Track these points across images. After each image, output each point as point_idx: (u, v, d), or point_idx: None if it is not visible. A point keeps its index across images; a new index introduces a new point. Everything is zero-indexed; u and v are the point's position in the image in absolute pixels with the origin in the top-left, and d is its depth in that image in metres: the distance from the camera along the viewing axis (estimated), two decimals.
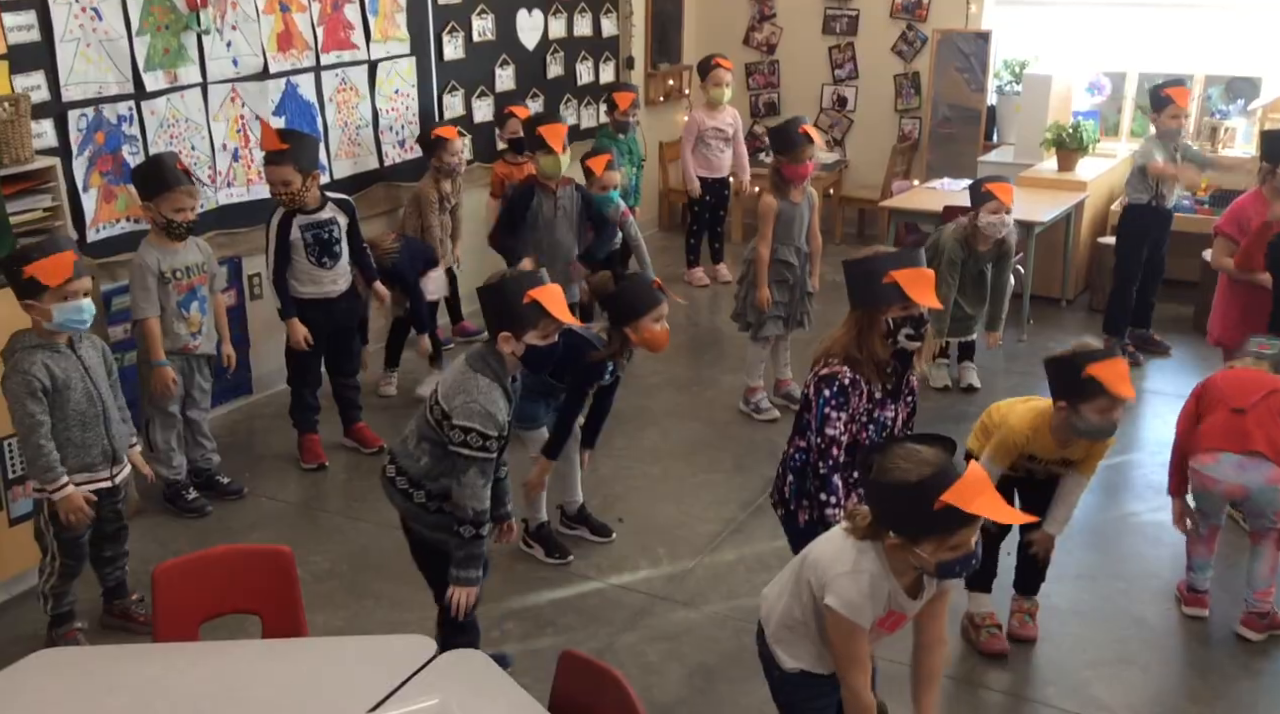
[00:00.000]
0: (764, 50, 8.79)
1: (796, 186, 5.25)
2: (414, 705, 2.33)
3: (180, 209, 4.27)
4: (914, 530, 2.32)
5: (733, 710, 3.48)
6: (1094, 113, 7.70)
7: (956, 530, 2.28)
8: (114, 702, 2.42)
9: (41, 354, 3.46)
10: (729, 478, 4.93)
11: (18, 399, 3.43)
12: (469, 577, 3.14)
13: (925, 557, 2.32)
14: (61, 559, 3.62)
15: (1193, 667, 3.70)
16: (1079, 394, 3.30)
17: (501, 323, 3.07)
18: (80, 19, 4.59)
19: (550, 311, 3.04)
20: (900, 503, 2.33)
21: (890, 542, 2.37)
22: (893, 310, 2.97)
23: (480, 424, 3.01)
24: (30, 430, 3.45)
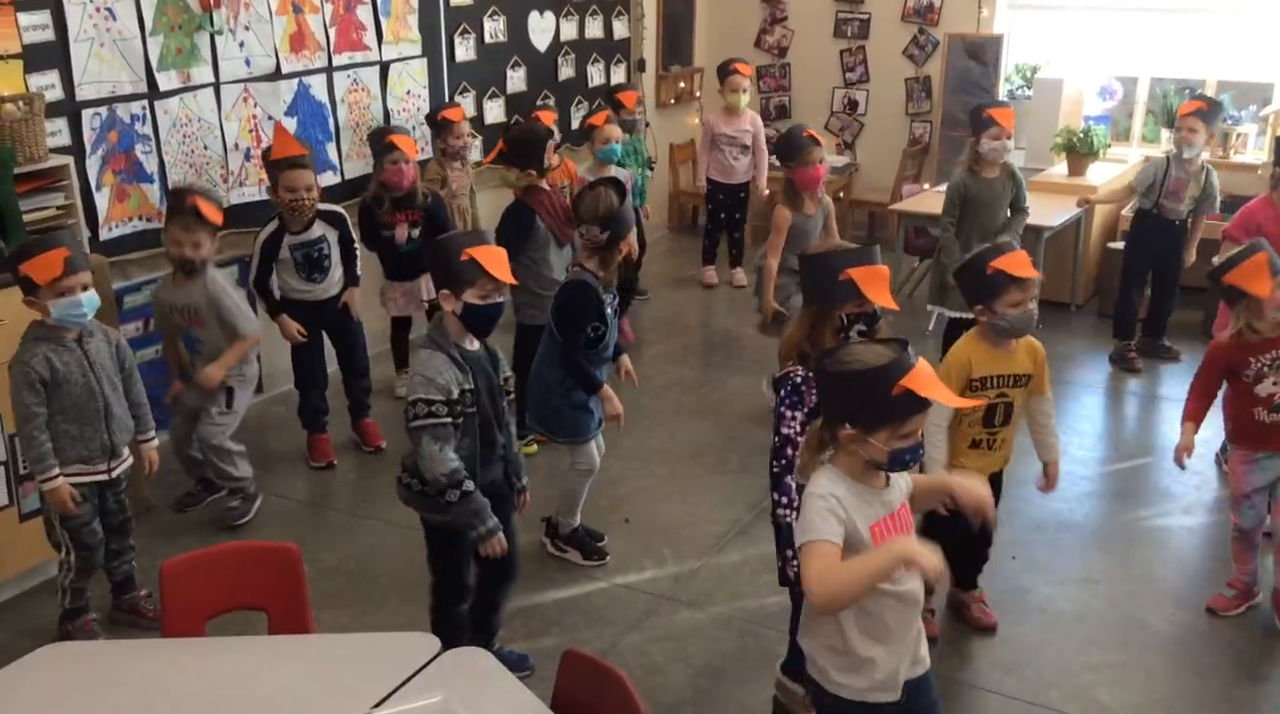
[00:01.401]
0: (775, 53, 8.80)
1: (810, 196, 5.22)
2: (417, 703, 2.34)
3: (177, 243, 4.28)
4: (870, 419, 2.34)
5: (737, 711, 3.49)
6: (1105, 117, 7.69)
7: (910, 417, 2.33)
8: (121, 696, 2.44)
9: (45, 347, 3.51)
10: (735, 479, 4.94)
11: (16, 389, 3.51)
12: (485, 530, 3.16)
13: (879, 446, 2.34)
14: (76, 552, 3.66)
15: (1196, 671, 3.70)
16: (989, 293, 3.39)
17: (442, 281, 3.13)
18: (94, 19, 4.62)
19: (487, 269, 3.04)
20: (858, 391, 2.36)
21: (844, 436, 2.37)
22: (846, 307, 3.01)
23: (423, 391, 3.05)
24: (24, 420, 3.52)
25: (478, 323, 3.12)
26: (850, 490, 2.40)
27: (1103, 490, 4.90)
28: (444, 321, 3.15)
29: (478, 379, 3.14)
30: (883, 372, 2.32)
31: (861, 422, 2.36)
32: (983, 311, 3.45)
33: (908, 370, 2.32)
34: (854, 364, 2.37)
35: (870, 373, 2.34)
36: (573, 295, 3.93)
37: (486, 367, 3.21)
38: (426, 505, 3.25)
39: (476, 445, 3.19)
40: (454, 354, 3.11)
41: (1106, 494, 4.87)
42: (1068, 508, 4.68)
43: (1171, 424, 5.58)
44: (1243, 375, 3.77)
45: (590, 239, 3.88)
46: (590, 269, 3.93)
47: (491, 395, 3.21)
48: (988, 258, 3.41)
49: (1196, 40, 7.51)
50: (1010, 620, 3.89)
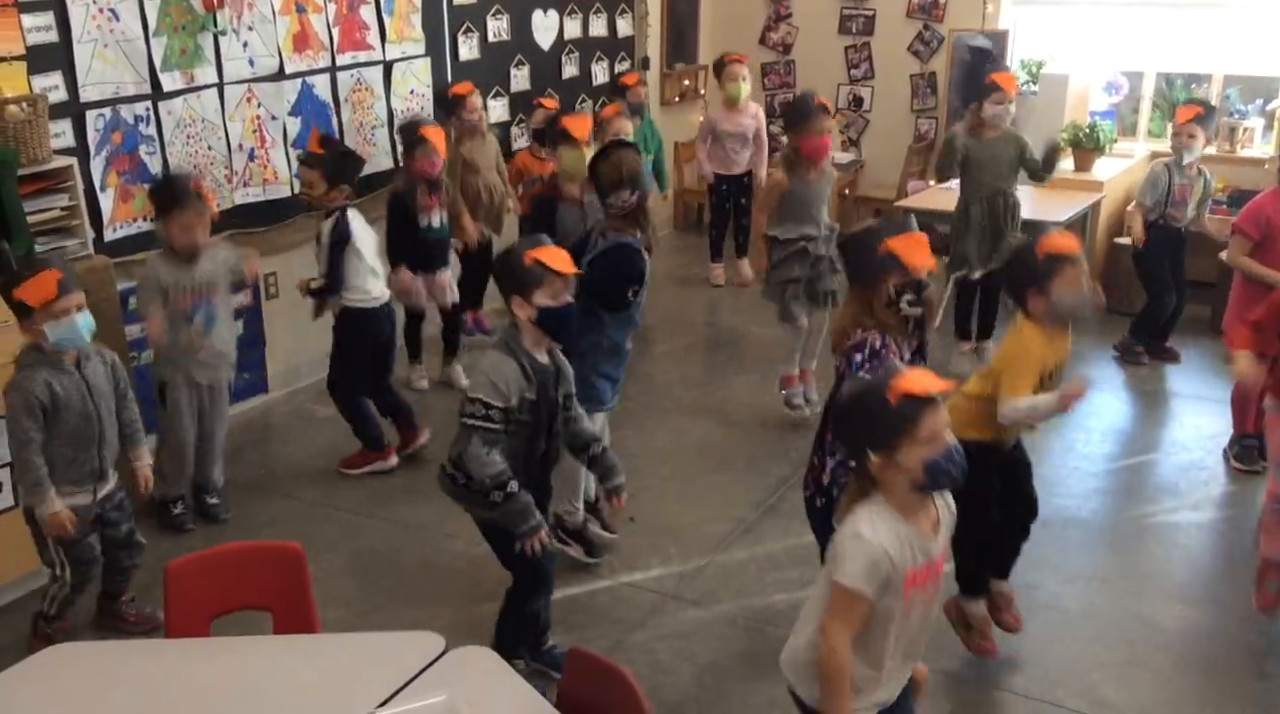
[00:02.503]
0: (780, 50, 8.79)
1: (816, 164, 5.09)
2: (422, 702, 2.33)
3: (185, 229, 4.21)
4: (883, 437, 2.34)
5: (742, 709, 3.48)
6: (1111, 113, 7.66)
7: (921, 417, 2.32)
8: (126, 696, 2.44)
9: (44, 372, 3.44)
10: (741, 477, 4.93)
11: (15, 414, 3.43)
12: (527, 528, 3.17)
13: (910, 463, 2.34)
14: (73, 569, 3.62)
15: (1203, 669, 3.68)
16: (1045, 276, 3.27)
17: (511, 288, 3.15)
18: (98, 20, 4.63)
19: (552, 268, 3.08)
20: (861, 415, 2.39)
21: (875, 467, 2.37)
22: (892, 278, 3.02)
23: (485, 394, 3.07)
24: (22, 445, 3.44)
25: (554, 325, 3.15)
26: (895, 534, 2.39)
27: (1110, 487, 4.88)
28: (519, 330, 3.16)
29: (539, 391, 3.16)
30: (873, 386, 2.38)
31: (879, 443, 2.36)
32: (1037, 296, 3.30)
33: (896, 376, 2.35)
34: (848, 394, 2.45)
35: (861, 393, 2.40)
36: (619, 257, 3.84)
37: (550, 381, 3.22)
38: (469, 500, 3.27)
39: (520, 456, 3.19)
40: (524, 363, 3.13)
41: (1114, 490, 4.86)
42: (1075, 505, 4.67)
43: (1179, 420, 5.59)
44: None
45: (621, 204, 3.83)
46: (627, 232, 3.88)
47: (550, 410, 3.22)
48: (1031, 245, 3.32)
49: (1202, 34, 7.48)
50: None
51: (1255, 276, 4.96)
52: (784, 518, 4.52)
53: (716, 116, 7.33)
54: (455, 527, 4.43)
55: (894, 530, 2.39)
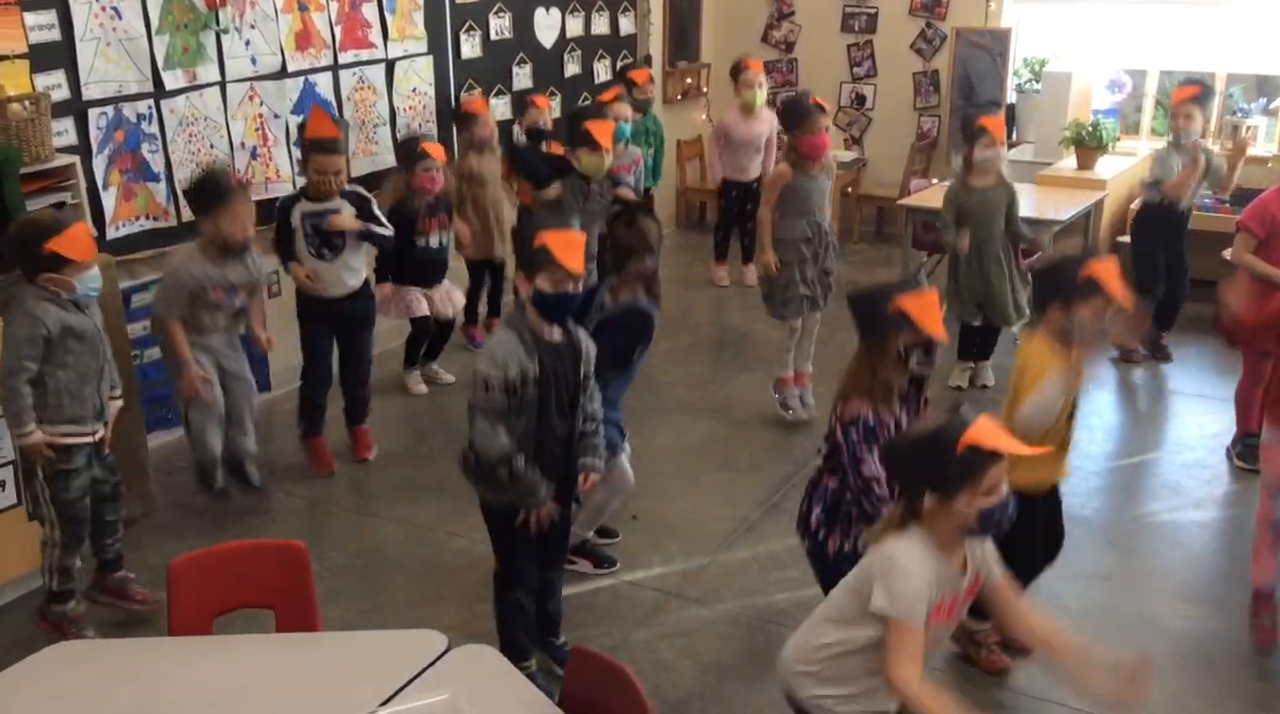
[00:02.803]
0: (782, 48, 8.78)
1: (815, 162, 5.13)
2: (424, 700, 2.34)
3: (242, 223, 4.20)
4: (946, 482, 2.35)
5: (744, 708, 3.49)
6: (1114, 111, 7.66)
7: (986, 470, 2.34)
8: (129, 694, 2.44)
9: (54, 307, 3.48)
10: (743, 476, 4.93)
11: (15, 340, 3.44)
12: (534, 503, 3.21)
13: (964, 510, 2.35)
14: (61, 527, 3.64)
15: (1207, 667, 3.68)
16: (1077, 294, 3.23)
17: (519, 262, 3.19)
18: (100, 18, 4.63)
19: (556, 256, 3.04)
20: (926, 457, 2.38)
21: (929, 508, 2.38)
22: (903, 336, 3.00)
23: (484, 367, 3.09)
24: (12, 372, 3.45)
25: (547, 310, 3.13)
26: (934, 569, 2.41)
27: (1112, 485, 4.88)
28: (524, 307, 3.18)
29: (546, 367, 3.13)
30: (942, 432, 2.36)
31: (939, 488, 2.37)
32: (1058, 310, 3.29)
33: (966, 426, 2.34)
34: (914, 434, 2.44)
35: (931, 437, 2.38)
36: (631, 323, 3.84)
37: (565, 359, 3.20)
38: (485, 482, 3.27)
39: (532, 431, 3.19)
40: (525, 336, 3.12)
41: (1116, 489, 4.85)
42: (1077, 503, 4.66)
43: (1182, 418, 5.58)
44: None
45: (640, 271, 3.83)
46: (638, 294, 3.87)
47: (564, 390, 3.20)
48: (1082, 261, 3.28)
49: (1206, 32, 7.47)
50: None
51: (1260, 275, 4.95)
52: (787, 516, 4.50)
53: (730, 121, 7.21)
54: (458, 525, 4.43)
55: (933, 566, 2.40)
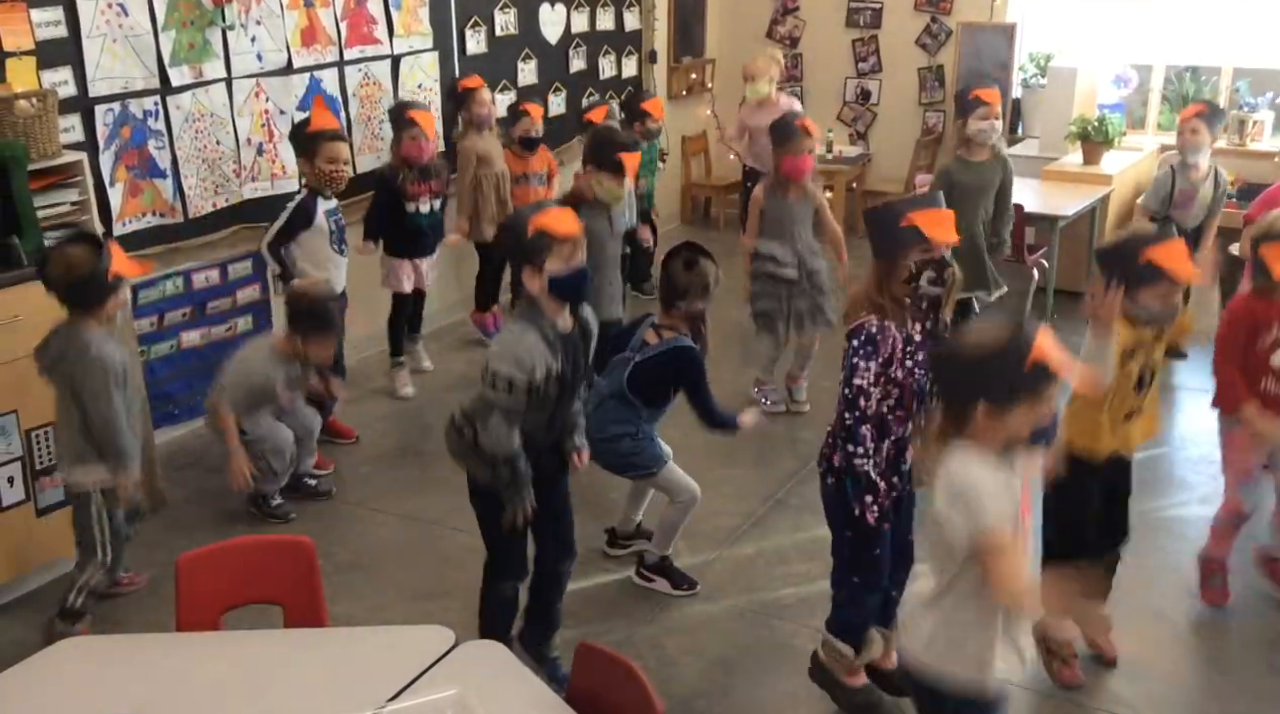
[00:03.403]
0: (787, 44, 8.77)
1: (795, 183, 5.15)
2: (432, 695, 2.34)
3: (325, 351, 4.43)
4: (1009, 395, 2.32)
5: (750, 703, 3.49)
6: (1120, 106, 7.65)
7: (1046, 388, 2.33)
8: (137, 690, 2.44)
9: (110, 344, 3.56)
10: (749, 472, 4.93)
11: (106, 390, 3.52)
12: (519, 498, 3.18)
13: (1020, 421, 2.33)
14: (111, 554, 3.71)
15: (1215, 663, 3.68)
16: (1137, 280, 3.20)
17: (521, 259, 3.05)
18: (106, 15, 4.63)
19: (556, 234, 2.98)
20: (992, 369, 2.34)
21: (981, 418, 2.34)
22: (913, 253, 2.98)
23: (507, 367, 2.99)
24: (114, 416, 3.55)
25: (568, 290, 3.03)
26: (995, 473, 2.36)
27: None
28: (536, 301, 3.05)
29: (565, 359, 3.08)
30: (1012, 347, 2.32)
31: (997, 397, 2.33)
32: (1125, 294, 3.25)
33: (1033, 342, 2.31)
34: (979, 345, 2.37)
35: (1000, 350, 2.33)
36: (678, 361, 3.85)
37: (577, 342, 3.15)
38: (475, 459, 3.21)
39: (544, 419, 3.18)
40: (548, 333, 3.03)
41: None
42: None
43: (1187, 414, 5.57)
44: (1259, 341, 3.68)
45: (690, 311, 3.85)
46: (680, 330, 3.89)
47: (579, 373, 3.19)
48: (1145, 244, 3.22)
49: (1211, 27, 7.45)
50: None
51: None
52: (792, 512, 4.52)
53: (745, 113, 7.15)
54: (462, 520, 4.42)
55: (990, 471, 2.35)
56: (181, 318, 5.10)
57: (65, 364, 3.54)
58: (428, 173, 5.42)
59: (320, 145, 4.72)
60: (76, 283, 3.48)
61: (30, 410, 3.86)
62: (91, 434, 3.56)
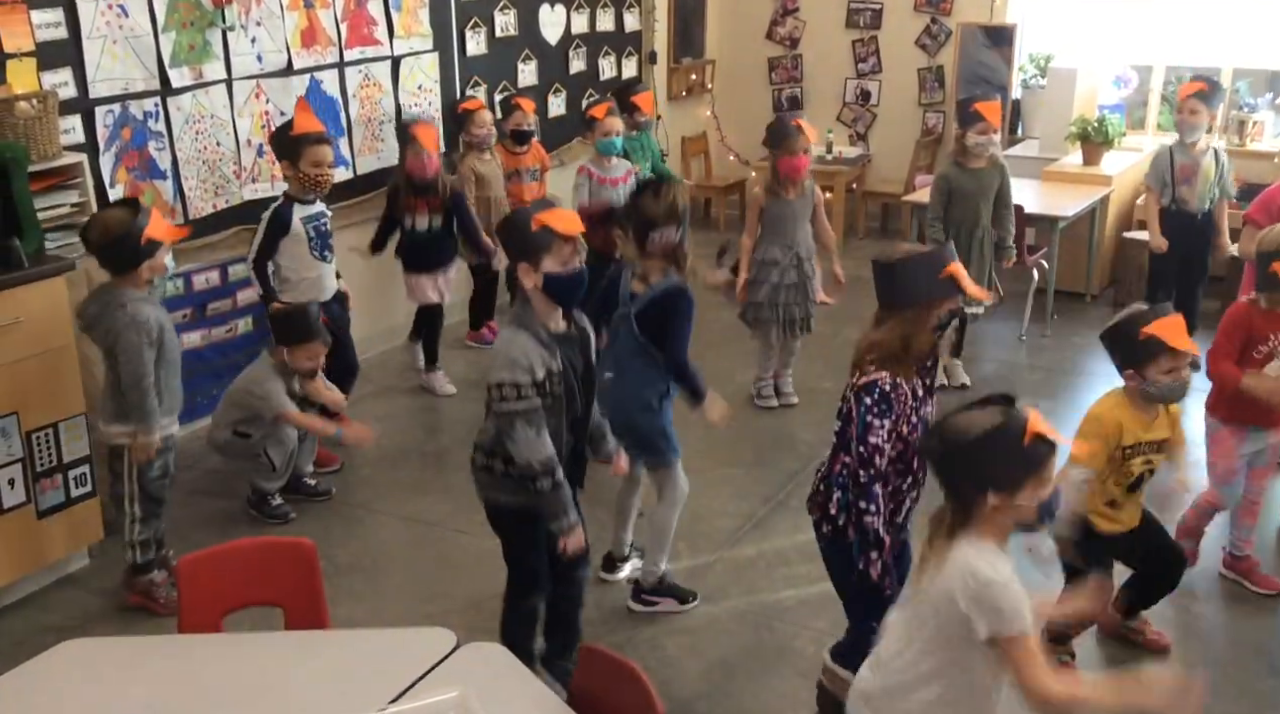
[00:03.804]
0: (787, 45, 8.77)
1: (793, 183, 5.19)
2: (434, 698, 2.34)
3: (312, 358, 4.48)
4: (1013, 477, 2.30)
5: (751, 704, 3.49)
6: (1120, 106, 7.65)
7: (1046, 463, 2.32)
8: (138, 692, 2.44)
9: (146, 306, 3.72)
10: (749, 472, 4.94)
11: (137, 349, 3.67)
12: (566, 525, 3.07)
13: (1026, 504, 2.31)
14: (141, 504, 3.86)
15: (1215, 664, 3.67)
16: (1141, 357, 3.26)
17: (518, 255, 3.00)
18: (107, 16, 4.63)
19: (559, 232, 2.94)
20: (994, 454, 2.30)
21: (992, 507, 2.30)
22: (948, 304, 2.95)
23: (508, 373, 2.92)
24: (141, 377, 3.69)
25: (562, 292, 2.99)
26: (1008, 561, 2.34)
27: None
28: (529, 301, 3.01)
29: (565, 360, 3.02)
30: (1009, 426, 2.30)
31: (1004, 485, 2.30)
32: (1132, 376, 3.32)
33: (1024, 420, 2.30)
34: (976, 429, 2.32)
35: (994, 432, 2.30)
36: (680, 304, 3.69)
37: (575, 348, 3.08)
38: (506, 487, 3.12)
39: (562, 428, 3.08)
40: (540, 333, 2.97)
41: None
42: None
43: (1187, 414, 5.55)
44: (1255, 350, 3.72)
45: (665, 242, 3.67)
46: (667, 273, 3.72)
47: (580, 378, 3.09)
48: (1142, 321, 3.26)
49: (1211, 27, 7.45)
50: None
51: None
52: (793, 513, 4.52)
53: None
54: (466, 522, 4.44)
55: (1005, 562, 2.32)
56: (182, 319, 5.09)
57: (102, 323, 3.71)
58: (425, 189, 5.40)
59: (304, 149, 4.65)
60: (112, 244, 3.66)
61: (31, 413, 3.86)
62: (122, 392, 3.73)
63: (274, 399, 4.39)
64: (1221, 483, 3.91)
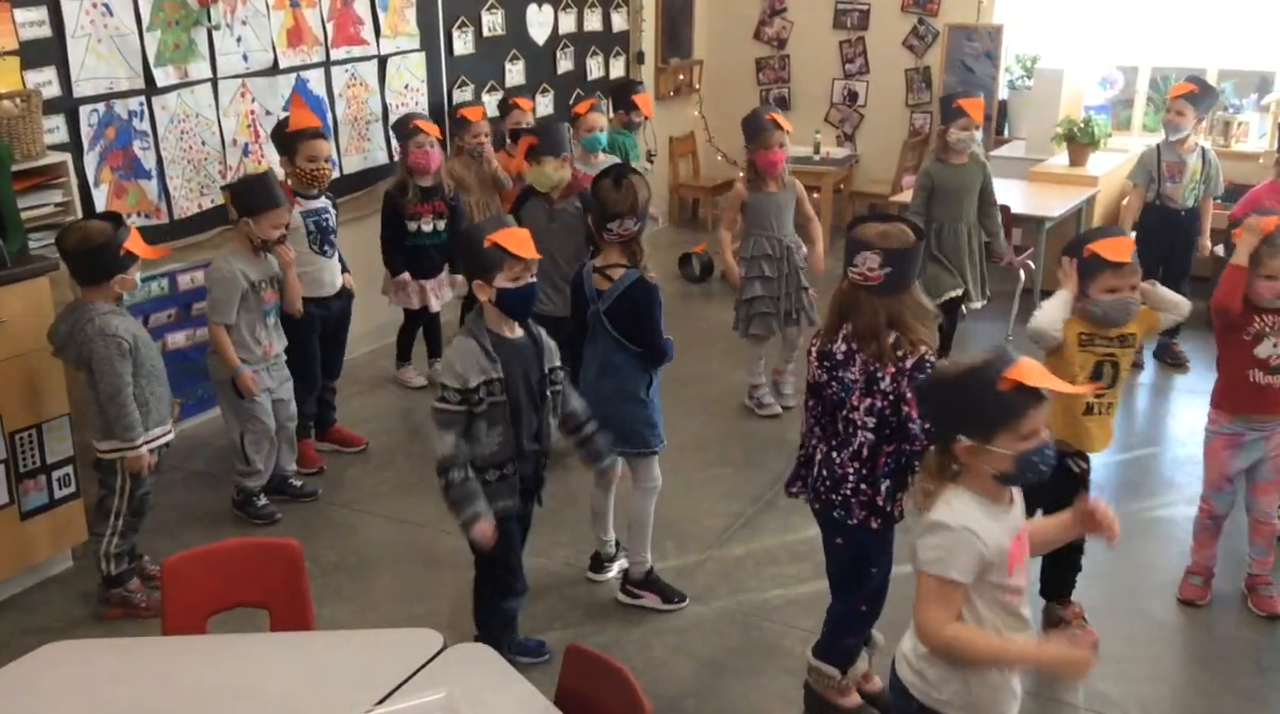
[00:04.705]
0: (774, 45, 8.78)
1: (772, 177, 5.20)
2: (420, 699, 2.33)
3: (276, 227, 4.32)
4: (985, 423, 2.24)
5: (740, 704, 3.48)
6: (1106, 107, 7.68)
7: (1027, 412, 2.22)
8: (123, 694, 2.43)
9: (116, 317, 3.69)
10: (737, 472, 4.93)
11: (108, 361, 3.66)
12: (464, 518, 3.18)
13: (1003, 452, 2.24)
14: (125, 518, 3.85)
15: (1202, 662, 3.69)
16: (1085, 276, 3.34)
17: (472, 272, 3.17)
18: (91, 14, 4.60)
19: (510, 251, 3.08)
20: (966, 395, 2.26)
21: (964, 451, 2.27)
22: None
23: (444, 377, 3.15)
24: (118, 390, 3.68)
25: (513, 306, 3.16)
26: (984, 513, 2.30)
27: (1107, 481, 4.88)
28: (483, 310, 3.19)
29: (511, 368, 3.15)
30: (984, 368, 2.24)
31: (976, 429, 2.25)
32: (1078, 297, 3.39)
33: (1010, 364, 2.23)
34: (954, 369, 2.31)
35: (971, 373, 2.26)
36: (647, 296, 3.70)
37: (528, 356, 3.21)
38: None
39: (511, 435, 3.20)
40: (485, 343, 3.14)
41: (1111, 485, 4.86)
42: None
43: (1177, 416, 5.60)
44: (1244, 332, 3.71)
45: (622, 233, 3.68)
46: (623, 264, 3.72)
47: (531, 385, 3.22)
48: (1086, 239, 3.35)
49: (1197, 28, 7.49)
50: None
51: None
52: (782, 512, 4.52)
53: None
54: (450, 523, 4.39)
55: (977, 511, 2.29)
56: (167, 319, 5.07)
57: (74, 340, 3.69)
58: (430, 192, 5.39)
59: (300, 144, 4.67)
60: (88, 252, 3.65)
61: (13, 413, 3.83)
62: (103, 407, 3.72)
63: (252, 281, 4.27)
64: (1212, 490, 3.91)
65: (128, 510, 3.86)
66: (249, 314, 4.32)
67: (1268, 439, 3.79)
